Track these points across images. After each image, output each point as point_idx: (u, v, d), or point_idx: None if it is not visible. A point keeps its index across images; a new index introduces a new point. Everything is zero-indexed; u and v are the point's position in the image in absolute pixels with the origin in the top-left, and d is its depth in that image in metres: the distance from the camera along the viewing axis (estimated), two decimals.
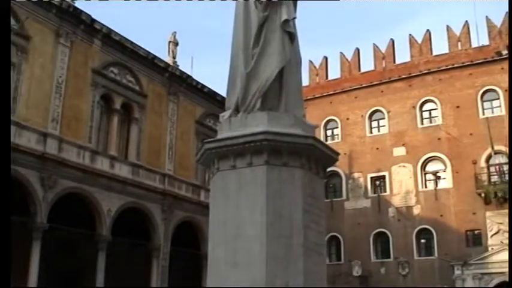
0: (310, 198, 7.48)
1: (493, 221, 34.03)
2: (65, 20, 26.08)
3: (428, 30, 39.62)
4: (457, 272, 34.32)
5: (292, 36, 8.06)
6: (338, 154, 8.37)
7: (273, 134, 7.33)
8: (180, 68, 32.85)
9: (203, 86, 34.09)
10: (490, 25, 37.49)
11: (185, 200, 31.17)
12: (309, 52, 60.42)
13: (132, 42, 29.51)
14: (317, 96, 41.61)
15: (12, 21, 23.55)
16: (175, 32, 33.69)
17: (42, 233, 23.48)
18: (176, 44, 33.53)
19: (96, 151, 27.08)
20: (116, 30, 28.62)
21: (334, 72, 42.96)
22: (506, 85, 34.28)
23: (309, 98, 38.25)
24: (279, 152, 7.36)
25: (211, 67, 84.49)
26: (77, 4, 26.63)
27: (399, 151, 38.42)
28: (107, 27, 28.11)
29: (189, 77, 33.16)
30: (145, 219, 28.97)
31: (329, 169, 8.63)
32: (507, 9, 35.77)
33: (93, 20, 27.31)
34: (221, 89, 33.92)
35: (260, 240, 7.06)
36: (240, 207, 7.34)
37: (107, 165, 27.20)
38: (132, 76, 29.72)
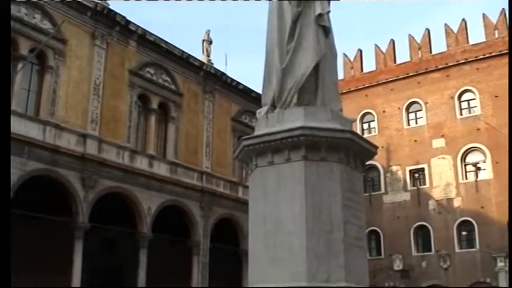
0: (349, 192, 7.44)
1: None
2: (100, 22, 26.41)
3: (463, 19, 38.93)
4: (500, 264, 33.68)
5: (326, 30, 8.01)
6: (376, 148, 8.31)
7: (310, 129, 7.31)
8: (215, 66, 32.96)
9: (238, 83, 34.14)
10: None
11: (223, 196, 31.29)
12: (343, 45, 59.91)
13: (166, 42, 29.71)
14: (352, 89, 41.26)
15: (49, 25, 24.01)
16: (209, 30, 33.81)
17: (84, 232, 23.86)
18: (210, 42, 33.62)
19: (135, 150, 27.39)
20: (151, 31, 28.92)
21: (369, 65, 42.57)
22: None
23: (344, 91, 37.91)
24: (316, 147, 7.34)
25: (245, 64, 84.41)
26: (111, 6, 26.97)
27: (438, 143, 37.85)
28: (142, 28, 28.37)
29: (223, 74, 33.23)
30: (185, 216, 29.20)
31: (367, 163, 8.55)
32: None
33: (128, 22, 27.57)
34: (256, 86, 33.92)
35: (300, 235, 7.07)
36: (279, 203, 7.34)
37: (145, 164, 27.49)
38: (168, 76, 29.94)
